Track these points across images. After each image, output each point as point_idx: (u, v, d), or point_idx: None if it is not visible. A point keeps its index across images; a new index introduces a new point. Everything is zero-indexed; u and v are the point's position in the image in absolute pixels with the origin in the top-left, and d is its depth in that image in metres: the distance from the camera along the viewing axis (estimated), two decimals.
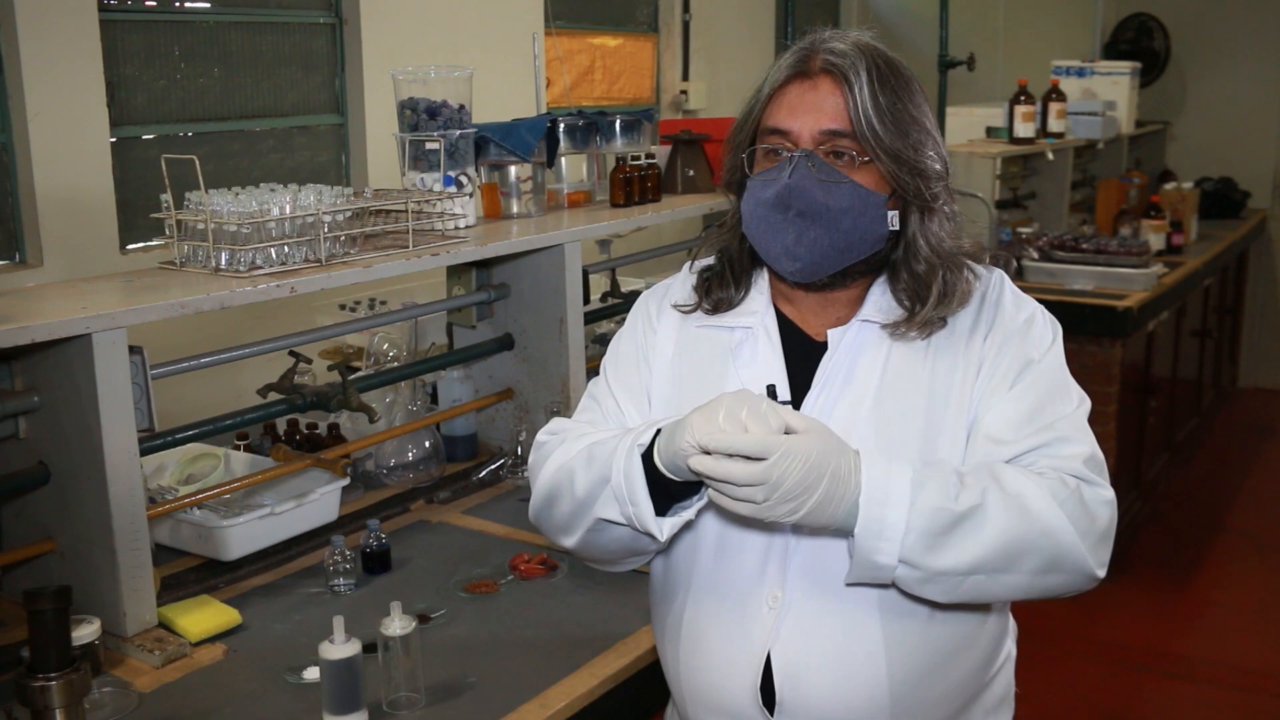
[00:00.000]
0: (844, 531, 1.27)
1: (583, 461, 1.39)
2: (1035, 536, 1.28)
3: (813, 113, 1.37)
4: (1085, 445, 1.37)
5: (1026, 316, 1.43)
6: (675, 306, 1.53)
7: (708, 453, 1.22)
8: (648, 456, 1.31)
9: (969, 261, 1.44)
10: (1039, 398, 1.37)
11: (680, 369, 1.50)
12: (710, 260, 1.54)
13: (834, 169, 1.36)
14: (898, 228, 1.41)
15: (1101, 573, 1.33)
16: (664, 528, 1.33)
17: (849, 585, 1.33)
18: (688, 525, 1.35)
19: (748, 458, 1.20)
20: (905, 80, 1.39)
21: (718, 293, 1.50)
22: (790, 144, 1.38)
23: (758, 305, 1.48)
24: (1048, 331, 1.43)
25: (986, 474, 1.31)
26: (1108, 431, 4.21)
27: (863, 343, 1.42)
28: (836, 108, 1.36)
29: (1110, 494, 1.35)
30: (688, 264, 1.58)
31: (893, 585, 1.32)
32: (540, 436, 1.54)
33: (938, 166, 1.40)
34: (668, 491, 1.31)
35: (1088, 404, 1.42)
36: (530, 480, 1.51)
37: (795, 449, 1.21)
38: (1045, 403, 1.37)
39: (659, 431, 1.32)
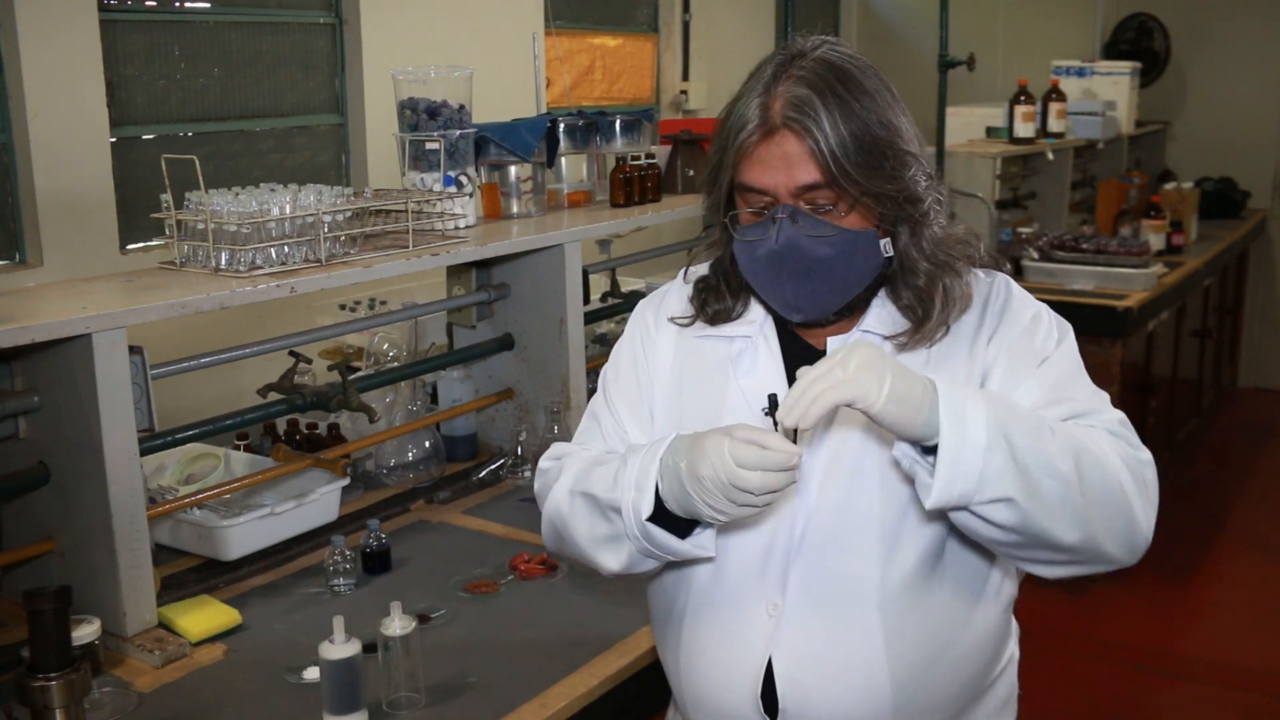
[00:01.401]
0: (926, 432, 1.22)
1: (582, 520, 1.41)
2: (1100, 459, 1.26)
3: (784, 170, 1.33)
4: (1115, 412, 1.36)
5: (1032, 315, 1.42)
6: (672, 320, 1.52)
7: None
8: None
9: (966, 263, 1.43)
10: (1055, 381, 1.36)
11: (680, 380, 1.49)
12: (704, 271, 1.53)
13: (820, 221, 1.34)
14: (891, 254, 1.39)
15: (1150, 535, 1.30)
16: (706, 546, 1.35)
17: (931, 509, 1.25)
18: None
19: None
20: (869, 93, 1.33)
21: (714, 305, 1.49)
22: (771, 199, 1.35)
23: (756, 315, 1.47)
24: (1054, 330, 1.42)
25: (1036, 416, 1.29)
26: None
27: None
28: (805, 161, 1.31)
29: (1148, 455, 1.33)
30: (683, 271, 1.58)
31: (963, 514, 1.26)
32: (542, 464, 1.55)
33: (922, 182, 1.36)
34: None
35: (1105, 394, 1.41)
36: (539, 504, 1.52)
37: (841, 351, 1.23)
38: (1061, 384, 1.36)
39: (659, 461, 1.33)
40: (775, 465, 1.21)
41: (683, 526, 1.34)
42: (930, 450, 1.23)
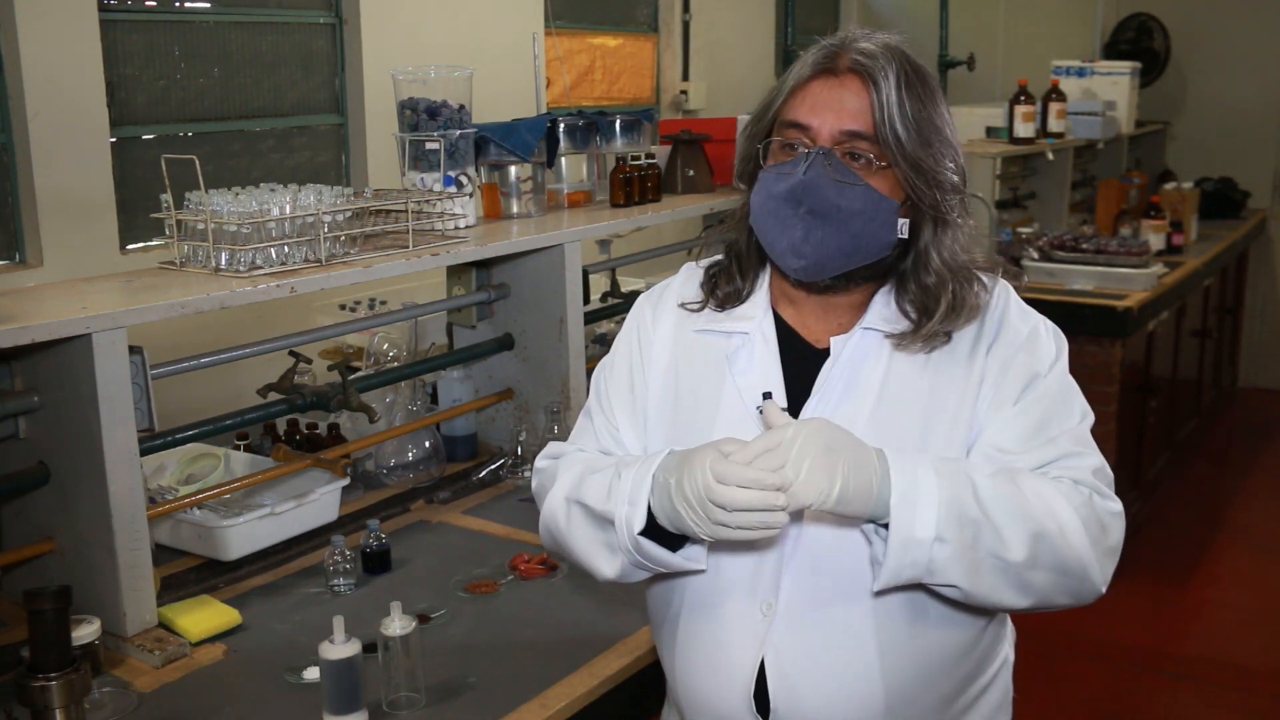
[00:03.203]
0: (877, 513, 1.26)
1: (579, 531, 1.42)
2: (1054, 532, 1.28)
3: (835, 111, 1.35)
4: (1094, 458, 1.37)
5: (1030, 329, 1.42)
6: (683, 305, 1.51)
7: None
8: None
9: (979, 275, 1.43)
10: (1045, 411, 1.37)
11: (676, 376, 1.49)
12: (717, 256, 1.53)
13: (850, 170, 1.35)
14: (906, 236, 1.39)
15: (1104, 588, 1.34)
16: (699, 558, 1.35)
17: (877, 594, 1.32)
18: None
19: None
20: (931, 89, 1.38)
21: (725, 287, 1.49)
22: (809, 140, 1.36)
23: (756, 310, 1.47)
24: (1051, 345, 1.42)
25: (1005, 471, 1.31)
26: (1108, 431, 4.21)
27: (864, 351, 1.41)
28: (860, 108, 1.34)
29: (1119, 506, 1.36)
30: (688, 264, 1.58)
31: (914, 588, 1.32)
32: (539, 463, 1.55)
33: (955, 179, 1.38)
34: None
35: (1091, 417, 1.42)
36: (537, 504, 1.52)
37: (803, 431, 1.23)
38: (1051, 417, 1.37)
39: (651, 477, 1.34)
40: (755, 483, 1.21)
41: (676, 538, 1.34)
42: (886, 524, 1.27)
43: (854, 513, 1.26)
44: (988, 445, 1.36)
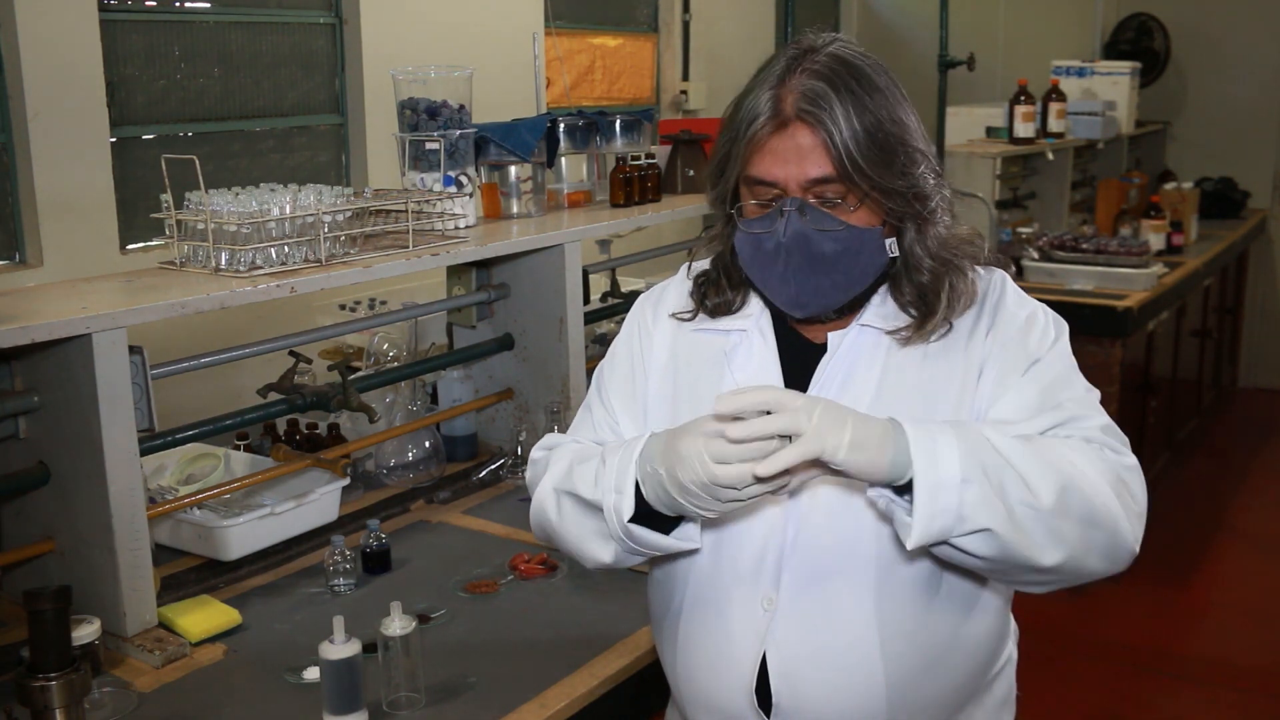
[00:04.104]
0: (895, 468, 1.22)
1: (571, 517, 1.40)
2: (1079, 481, 1.25)
3: (796, 162, 1.33)
4: (1100, 418, 1.35)
5: (1028, 314, 1.42)
6: (673, 316, 1.52)
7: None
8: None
9: (969, 260, 1.43)
10: (1047, 384, 1.36)
11: (676, 374, 1.49)
12: (705, 265, 1.54)
13: (828, 216, 1.34)
14: (896, 254, 1.39)
15: (1136, 546, 1.29)
16: (693, 536, 1.34)
17: (913, 548, 1.24)
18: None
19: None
20: (880, 90, 1.34)
21: (714, 298, 1.49)
22: (780, 191, 1.35)
23: (753, 308, 1.48)
24: (1050, 330, 1.41)
25: (1013, 436, 1.28)
26: None
27: (862, 346, 1.41)
28: (818, 153, 1.32)
29: (1134, 461, 1.33)
30: (685, 266, 1.58)
31: (922, 577, 1.30)
32: (534, 454, 1.55)
33: (930, 179, 1.37)
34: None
35: (1096, 393, 1.40)
36: (530, 494, 1.52)
37: (798, 396, 1.22)
38: (1053, 387, 1.36)
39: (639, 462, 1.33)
40: (750, 455, 1.19)
41: (668, 521, 1.33)
42: (904, 490, 1.23)
43: (868, 463, 1.20)
44: (992, 421, 1.35)
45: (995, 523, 1.21)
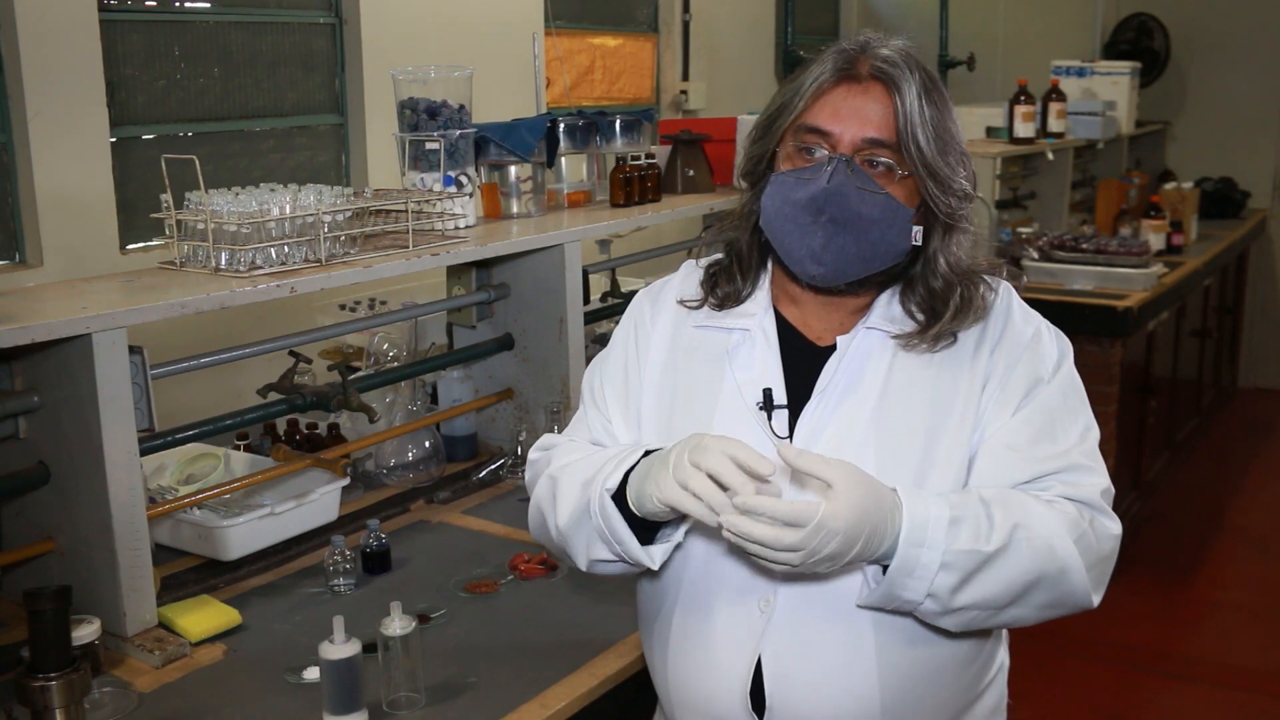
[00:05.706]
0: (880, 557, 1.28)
1: (566, 497, 1.41)
2: (1052, 575, 1.30)
3: (858, 118, 1.35)
4: (1101, 476, 1.37)
5: (1034, 331, 1.42)
6: (681, 302, 1.51)
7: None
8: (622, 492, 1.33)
9: (985, 277, 1.44)
10: (1049, 417, 1.37)
11: (674, 372, 1.48)
12: (717, 255, 1.53)
13: (872, 179, 1.35)
14: (920, 244, 1.40)
15: (1097, 601, 1.36)
16: (654, 556, 1.35)
17: (860, 607, 1.33)
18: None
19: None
20: (945, 97, 1.39)
21: (725, 287, 1.49)
22: (829, 146, 1.36)
23: (757, 307, 1.47)
24: (1054, 348, 1.42)
25: (1017, 508, 1.30)
26: (1108, 432, 4.20)
27: (868, 350, 1.41)
28: (883, 117, 1.34)
29: (1118, 528, 1.37)
30: (689, 262, 1.57)
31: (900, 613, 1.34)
32: (532, 454, 1.55)
33: (967, 186, 1.39)
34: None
35: (1096, 431, 1.42)
36: (529, 494, 1.52)
37: (831, 520, 1.19)
38: (1055, 421, 1.37)
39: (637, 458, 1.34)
40: (780, 515, 1.20)
41: (645, 537, 1.35)
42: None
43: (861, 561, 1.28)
44: (998, 445, 1.36)
45: (950, 625, 1.32)
